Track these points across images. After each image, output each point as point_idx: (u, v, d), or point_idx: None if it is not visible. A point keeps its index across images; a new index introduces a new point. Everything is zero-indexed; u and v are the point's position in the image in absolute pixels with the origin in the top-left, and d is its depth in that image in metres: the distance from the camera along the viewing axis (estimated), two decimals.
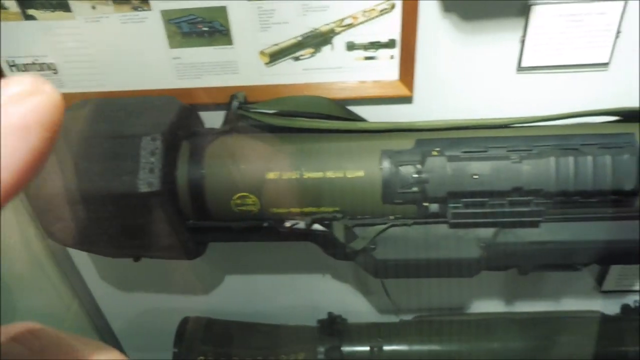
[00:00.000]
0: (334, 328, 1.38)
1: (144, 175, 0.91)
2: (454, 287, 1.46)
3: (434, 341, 1.35)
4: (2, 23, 1.01)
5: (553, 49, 0.99)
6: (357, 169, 0.94)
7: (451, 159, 0.92)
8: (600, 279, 1.38)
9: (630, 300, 1.41)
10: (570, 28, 0.96)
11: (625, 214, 0.94)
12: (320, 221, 0.98)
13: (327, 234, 0.99)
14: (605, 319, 1.36)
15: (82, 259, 1.46)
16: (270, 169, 0.95)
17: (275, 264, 1.46)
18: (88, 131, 0.94)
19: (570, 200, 0.92)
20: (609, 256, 0.99)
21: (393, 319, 1.46)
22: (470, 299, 1.49)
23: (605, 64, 1.01)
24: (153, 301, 1.57)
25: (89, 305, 1.55)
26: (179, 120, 0.98)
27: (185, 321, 1.43)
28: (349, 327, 1.41)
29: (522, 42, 0.99)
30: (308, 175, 0.95)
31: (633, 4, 0.94)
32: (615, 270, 1.35)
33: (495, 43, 1.00)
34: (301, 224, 0.98)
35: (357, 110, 1.09)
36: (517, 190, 0.91)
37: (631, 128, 0.96)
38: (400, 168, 0.93)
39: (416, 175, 0.92)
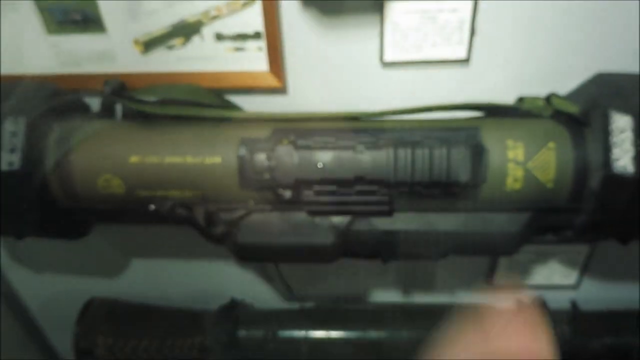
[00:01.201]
0: (231, 313, 1.42)
1: (4, 155, 0.95)
2: (355, 277, 1.50)
3: (324, 328, 1.38)
4: None
5: (411, 45, 1.02)
6: (214, 155, 0.98)
7: (299, 147, 0.95)
8: (490, 273, 1.41)
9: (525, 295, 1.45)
10: (424, 24, 1.00)
11: (470, 206, 0.98)
12: (181, 205, 1.02)
13: (190, 219, 1.03)
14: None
15: None
16: (132, 153, 0.99)
17: (181, 251, 1.50)
18: None
19: (415, 191, 0.96)
20: (460, 247, 1.03)
21: (295, 306, 1.50)
22: (369, 289, 1.53)
23: (465, 61, 1.04)
24: (69, 282, 1.61)
25: (3, 286, 1.59)
26: (49, 103, 1.01)
27: (90, 302, 1.47)
28: (250, 312, 1.45)
29: (382, 37, 1.02)
30: (169, 160, 0.99)
31: (485, 2, 0.97)
32: (502, 266, 1.38)
33: (357, 38, 1.03)
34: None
35: (236, 99, 1.13)
36: (360, 180, 0.94)
37: (483, 122, 1.00)
38: (254, 155, 0.96)
39: (267, 163, 0.96)
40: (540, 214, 1.00)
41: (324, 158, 0.95)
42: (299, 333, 1.38)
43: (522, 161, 0.93)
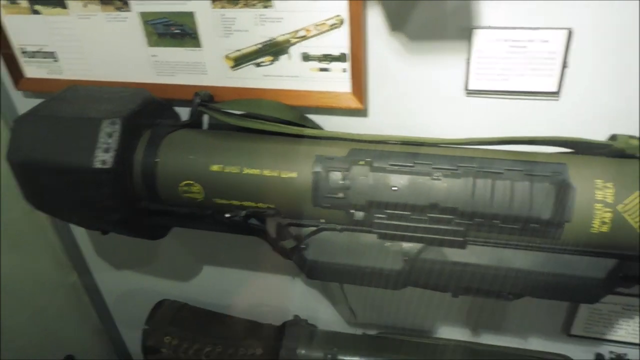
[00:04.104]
0: (294, 330, 1.42)
1: (99, 154, 1.02)
2: (423, 310, 1.45)
3: (387, 357, 1.35)
4: (15, 16, 1.18)
5: (498, 73, 0.99)
6: (291, 170, 1.00)
7: (375, 169, 0.95)
8: (568, 323, 1.32)
9: (606, 350, 1.34)
10: (513, 54, 0.97)
11: (553, 245, 0.92)
12: (255, 216, 1.04)
13: (262, 229, 1.05)
14: None
15: (81, 234, 1.62)
16: (214, 162, 1.03)
17: (251, 262, 1.53)
18: (62, 111, 1.07)
19: (492, 224, 0.92)
20: (535, 289, 0.97)
21: (358, 331, 1.48)
22: (436, 324, 1.47)
23: (555, 93, 1.00)
24: (141, 280, 1.69)
25: (86, 278, 1.70)
26: (142, 109, 1.08)
27: (160, 303, 1.53)
28: (312, 332, 1.45)
29: (468, 65, 1.00)
30: (247, 171, 1.02)
31: (579, 36, 0.93)
32: (583, 314, 1.28)
33: (443, 64, 1.02)
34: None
35: (316, 118, 1.15)
36: (434, 207, 0.92)
37: (571, 159, 0.94)
38: (329, 173, 0.97)
39: (341, 182, 0.96)
40: (629, 262, 0.93)
41: (399, 182, 0.93)
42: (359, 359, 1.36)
43: (611, 203, 0.87)
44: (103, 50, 1.18)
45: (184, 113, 1.22)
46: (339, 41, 1.03)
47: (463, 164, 0.94)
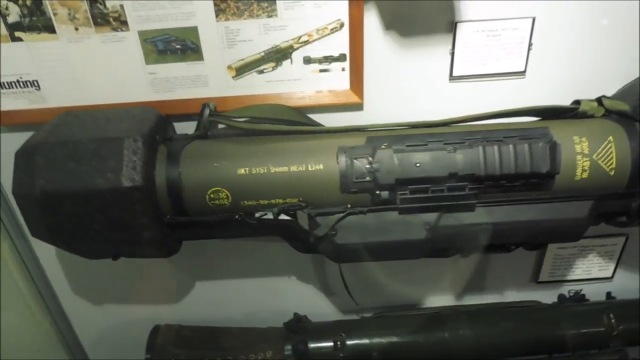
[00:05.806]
0: (299, 326, 1.47)
1: (127, 172, 1.01)
2: (408, 286, 1.59)
3: (392, 334, 1.45)
4: None
5: (477, 60, 1.17)
6: (317, 163, 1.07)
7: (397, 151, 1.06)
8: (535, 272, 1.54)
9: (566, 290, 1.58)
10: (490, 42, 1.15)
11: (544, 196, 1.11)
12: (286, 211, 1.09)
13: (292, 223, 1.11)
14: (542, 307, 1.52)
15: (56, 275, 1.52)
16: (240, 165, 1.07)
17: (242, 270, 1.56)
18: (72, 136, 1.04)
19: (498, 185, 1.08)
20: (535, 235, 1.15)
21: (354, 317, 1.57)
22: (423, 296, 1.62)
23: (522, 72, 1.20)
24: (123, 313, 1.62)
25: (61, 322, 1.59)
26: (156, 126, 1.09)
27: (156, 329, 1.49)
28: (314, 325, 1.51)
29: (452, 54, 1.16)
30: (274, 169, 1.07)
31: (540, 20, 1.14)
32: (548, 262, 1.51)
33: (430, 56, 1.17)
34: (269, 215, 1.09)
35: (316, 117, 1.23)
36: (453, 176, 1.06)
37: (548, 123, 1.14)
38: (354, 160, 1.07)
39: (368, 166, 1.06)
40: (602, 201, 1.14)
41: (421, 158, 1.06)
42: (368, 341, 1.44)
43: (588, 153, 1.08)
44: (95, 73, 1.16)
45: (180, 127, 1.23)
46: (339, 43, 1.14)
47: (469, 137, 1.09)
